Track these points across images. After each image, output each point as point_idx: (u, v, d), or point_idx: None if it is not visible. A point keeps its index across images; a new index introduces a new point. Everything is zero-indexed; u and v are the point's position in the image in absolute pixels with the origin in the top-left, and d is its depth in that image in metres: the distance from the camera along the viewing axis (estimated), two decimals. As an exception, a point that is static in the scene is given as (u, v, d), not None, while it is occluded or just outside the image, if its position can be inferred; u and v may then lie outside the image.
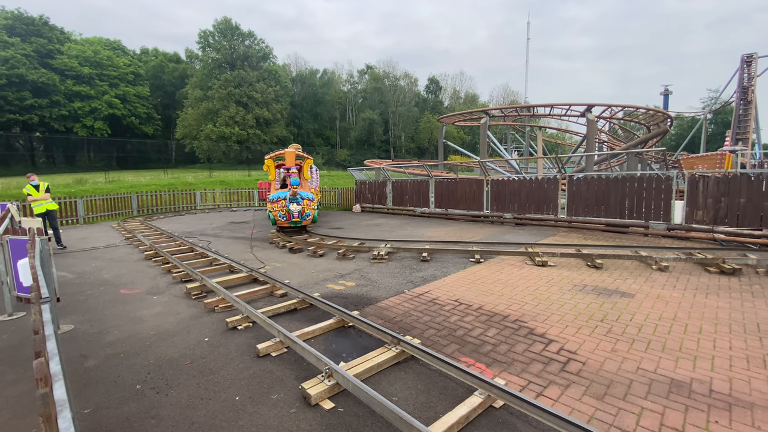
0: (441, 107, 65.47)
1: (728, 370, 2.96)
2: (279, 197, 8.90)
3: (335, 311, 4.02)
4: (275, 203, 8.96)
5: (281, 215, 8.89)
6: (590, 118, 18.17)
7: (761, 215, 7.32)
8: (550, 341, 3.49)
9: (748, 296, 4.60)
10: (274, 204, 8.92)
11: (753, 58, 24.41)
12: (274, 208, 8.91)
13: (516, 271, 5.90)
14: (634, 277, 5.46)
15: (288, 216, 8.85)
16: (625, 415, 2.44)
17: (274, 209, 8.91)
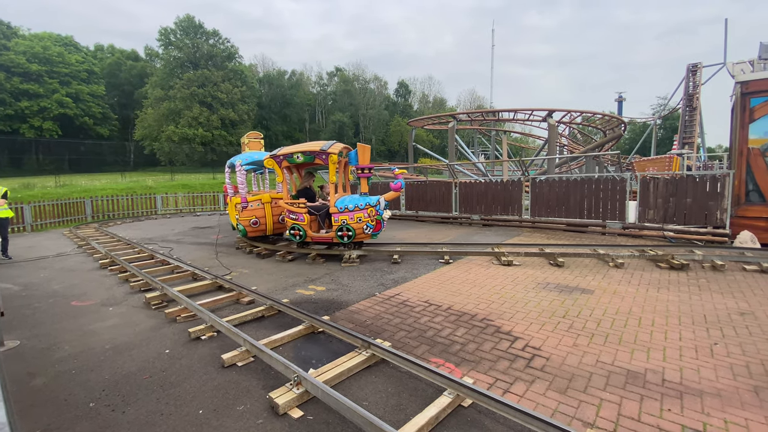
0: (410, 111, 66.26)
1: (679, 360, 3.16)
2: (368, 203, 6.79)
3: (305, 317, 3.95)
4: (359, 212, 6.77)
5: (368, 226, 6.80)
6: (551, 123, 18.98)
7: (706, 214, 7.91)
8: (515, 338, 3.60)
9: (695, 290, 4.94)
10: (357, 213, 6.79)
11: (698, 67, 26.40)
12: (360, 218, 6.77)
13: (483, 270, 6.04)
14: (593, 274, 5.74)
15: (377, 226, 6.94)
16: (585, 407, 2.55)
17: (360, 219, 6.77)
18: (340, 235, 6.88)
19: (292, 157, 7.13)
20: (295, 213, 7.12)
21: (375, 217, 6.86)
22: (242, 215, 7.88)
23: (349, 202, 6.90)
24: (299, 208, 7.09)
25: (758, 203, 7.25)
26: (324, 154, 6.87)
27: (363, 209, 6.80)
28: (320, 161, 7.13)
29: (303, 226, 7.05)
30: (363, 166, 7.03)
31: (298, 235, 7.12)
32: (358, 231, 6.84)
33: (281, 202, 7.47)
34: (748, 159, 7.31)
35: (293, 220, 7.13)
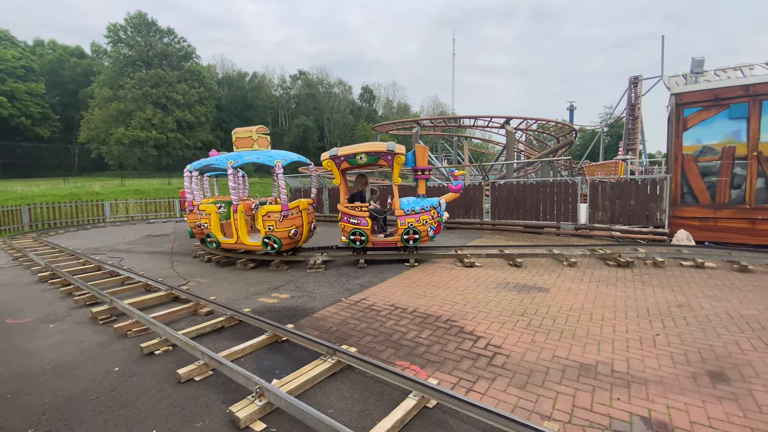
0: (375, 116, 66.67)
1: (626, 351, 3.39)
2: (432, 205, 6.76)
3: (267, 326, 3.84)
4: (424, 214, 6.68)
5: (432, 228, 6.80)
6: (509, 130, 19.82)
7: (647, 214, 8.58)
8: (478, 338, 3.70)
9: (639, 285, 5.33)
10: (422, 215, 6.69)
11: (639, 79, 28.64)
12: (426, 221, 6.69)
13: (447, 272, 6.17)
14: (548, 273, 6.03)
15: (438, 228, 6.94)
16: (543, 401, 2.67)
17: (425, 222, 6.69)
18: (407, 238, 6.76)
19: (355, 158, 6.73)
20: (356, 217, 6.77)
21: (437, 218, 6.86)
22: (281, 225, 6.67)
23: (414, 204, 6.77)
24: (361, 212, 6.77)
25: (692, 204, 7.96)
26: (391, 154, 6.61)
27: (428, 211, 6.76)
28: (384, 162, 6.79)
29: (365, 230, 6.76)
30: (421, 167, 6.91)
31: (359, 240, 6.80)
32: (423, 234, 6.77)
33: (340, 206, 6.96)
34: (683, 164, 8.02)
35: (354, 225, 6.78)
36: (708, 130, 7.74)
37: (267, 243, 6.76)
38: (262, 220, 6.70)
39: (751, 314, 4.17)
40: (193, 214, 7.90)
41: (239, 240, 7.10)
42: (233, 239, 7.18)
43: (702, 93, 7.79)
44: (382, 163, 6.84)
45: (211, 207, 7.36)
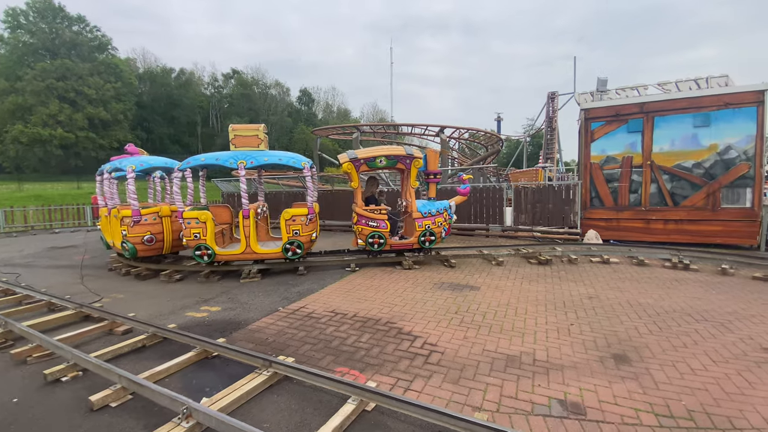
0: (315, 119, 65.81)
1: (546, 341, 3.73)
2: (445, 208, 7.04)
3: (196, 342, 3.59)
4: (438, 216, 6.91)
5: (445, 229, 7.08)
6: (443, 138, 20.79)
7: (563, 216, 9.53)
8: (415, 337, 3.82)
9: (557, 280, 5.90)
10: (437, 218, 6.90)
11: (555, 95, 31.81)
12: (440, 223, 6.93)
13: (387, 276, 6.28)
14: (479, 272, 6.43)
15: (448, 230, 7.18)
16: (474, 393, 2.84)
17: (440, 224, 6.92)
18: (423, 240, 6.86)
19: (374, 161, 6.79)
20: (375, 220, 6.74)
21: (448, 220, 7.13)
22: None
23: (430, 207, 6.93)
24: (380, 214, 6.78)
25: (599, 207, 9.03)
26: (410, 158, 6.80)
27: (441, 214, 6.99)
28: (402, 165, 6.95)
29: (384, 233, 6.77)
30: (432, 171, 7.18)
31: (378, 243, 6.77)
32: (438, 235, 6.96)
33: (358, 209, 6.77)
34: (591, 172, 9.07)
35: (373, 228, 6.75)
36: (611, 141, 8.86)
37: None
38: (286, 225, 6.40)
39: (647, 302, 4.83)
40: (141, 225, 6.69)
41: (249, 248, 6.41)
42: (241, 248, 6.43)
43: (606, 109, 8.90)
44: (400, 166, 7.01)
45: (205, 214, 6.33)
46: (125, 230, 6.57)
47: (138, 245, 6.63)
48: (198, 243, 6.25)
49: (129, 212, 6.55)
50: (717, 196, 7.80)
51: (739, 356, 3.36)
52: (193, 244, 6.29)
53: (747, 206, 7.60)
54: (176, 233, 6.96)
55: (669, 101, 8.24)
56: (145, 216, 6.69)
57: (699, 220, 7.97)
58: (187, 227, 6.24)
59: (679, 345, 3.59)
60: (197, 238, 6.24)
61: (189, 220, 6.23)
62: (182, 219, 6.25)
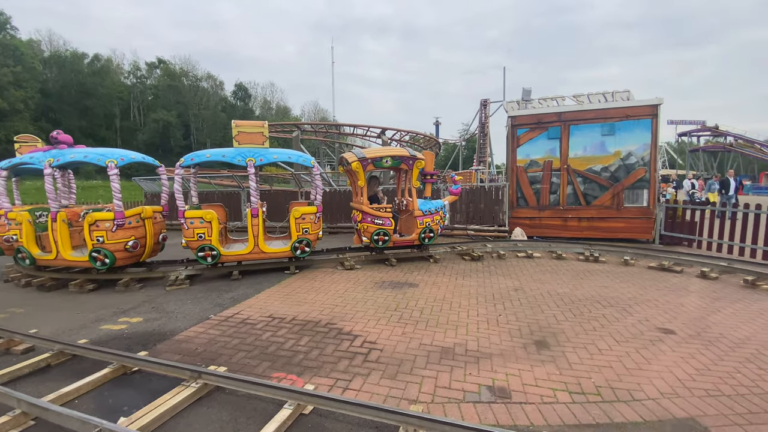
0: (252, 116, 62.91)
1: (477, 332, 3.97)
2: (441, 207, 7.51)
3: (112, 357, 3.25)
4: (437, 214, 7.35)
5: (441, 227, 7.58)
6: (384, 139, 21.12)
7: (493, 215, 10.19)
8: (355, 337, 3.84)
9: (487, 275, 6.31)
10: (435, 216, 7.32)
11: (487, 102, 33.89)
12: (438, 221, 7.38)
13: (328, 277, 6.23)
14: (418, 269, 6.65)
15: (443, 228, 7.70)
16: (411, 387, 2.93)
17: (438, 222, 7.37)
18: (423, 237, 7.23)
19: (381, 161, 7.07)
20: (381, 218, 7.00)
21: (444, 219, 7.63)
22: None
23: (430, 206, 7.33)
24: (385, 212, 7.03)
25: (524, 207, 9.81)
26: (412, 159, 7.10)
27: (438, 212, 7.42)
28: (405, 166, 7.22)
29: (389, 230, 7.02)
30: (429, 172, 7.62)
31: (383, 240, 7.03)
32: (436, 233, 7.39)
33: (365, 207, 6.96)
34: (517, 174, 9.81)
35: (379, 226, 6.98)
36: (534, 147, 9.66)
37: (298, 247, 6.42)
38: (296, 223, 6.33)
39: (564, 292, 5.36)
40: (124, 229, 5.81)
41: (257, 247, 6.20)
42: (248, 248, 6.19)
43: (529, 117, 9.69)
44: (403, 167, 7.31)
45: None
46: (102, 236, 5.59)
47: (119, 253, 5.71)
48: (202, 244, 5.95)
49: (108, 215, 5.59)
50: (621, 196, 8.90)
51: (637, 336, 3.86)
52: (196, 245, 5.95)
53: (644, 205, 8.77)
54: (156, 236, 6.33)
55: (581, 112, 9.21)
56: (129, 218, 5.79)
57: (607, 218, 9.02)
58: (189, 227, 5.88)
59: (590, 329, 4.04)
60: (201, 238, 5.92)
61: (192, 219, 5.89)
62: (184, 219, 5.87)
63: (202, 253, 5.99)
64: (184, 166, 6.08)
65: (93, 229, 5.54)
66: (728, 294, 5.21)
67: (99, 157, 5.71)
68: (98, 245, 5.56)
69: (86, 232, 5.54)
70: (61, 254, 5.79)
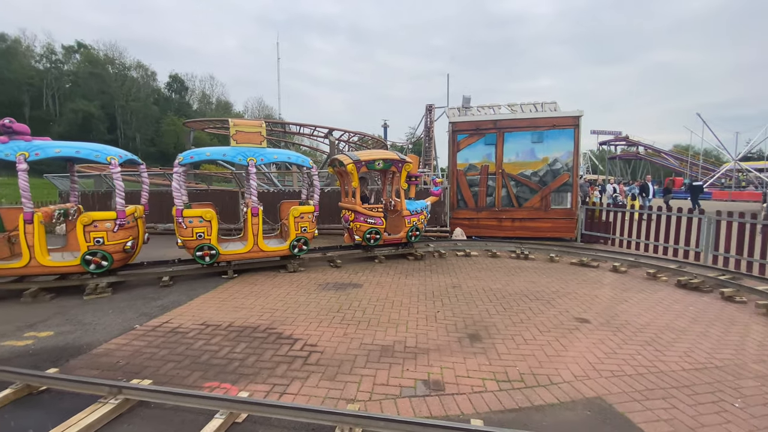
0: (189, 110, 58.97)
1: (416, 329, 4.11)
2: (424, 207, 8.00)
3: (14, 376, 2.88)
4: (421, 214, 7.84)
5: (425, 225, 8.18)
6: (331, 140, 20.95)
7: (436, 217, 10.56)
8: (296, 341, 3.79)
9: (429, 273, 6.54)
10: (420, 215, 7.80)
11: (432, 108, 34.98)
12: (423, 220, 7.90)
13: (270, 280, 6.05)
14: (363, 270, 6.70)
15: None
16: (350, 386, 2.96)
17: (423, 221, 7.89)
18: (411, 235, 7.69)
19: (373, 163, 7.39)
20: (373, 218, 7.37)
21: (427, 217, 8.14)
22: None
23: (416, 206, 7.81)
24: (377, 212, 7.41)
25: (464, 208, 10.30)
26: (402, 162, 7.53)
27: (422, 212, 7.89)
28: (395, 168, 7.59)
29: (381, 229, 7.40)
30: (413, 174, 8.15)
31: (374, 239, 7.38)
32: (422, 231, 7.94)
33: (358, 207, 7.28)
34: (457, 178, 10.29)
35: (371, 225, 7.34)
36: (472, 152, 10.19)
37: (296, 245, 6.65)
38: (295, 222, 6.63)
39: (497, 287, 5.72)
40: (125, 229, 5.55)
41: (257, 246, 6.30)
42: (247, 247, 6.27)
43: (468, 123, 10.20)
44: (393, 169, 7.65)
45: (210, 212, 5.97)
46: (101, 237, 5.31)
47: (117, 254, 5.47)
48: (201, 243, 5.92)
49: (109, 215, 5.34)
50: (548, 199, 9.70)
51: (557, 326, 4.25)
52: (195, 244, 5.90)
53: (568, 207, 9.65)
54: (143, 237, 6.22)
55: (515, 120, 9.91)
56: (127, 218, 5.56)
57: (536, 218, 9.78)
58: (188, 226, 5.83)
59: (517, 321, 4.37)
60: (201, 237, 5.89)
61: (191, 218, 5.85)
62: (182, 218, 5.80)
63: (200, 253, 5.93)
64: (183, 163, 5.96)
65: (90, 230, 5.25)
66: (634, 285, 5.92)
67: (97, 153, 5.30)
68: (96, 247, 5.28)
69: (80, 234, 5.22)
70: (38, 260, 5.11)
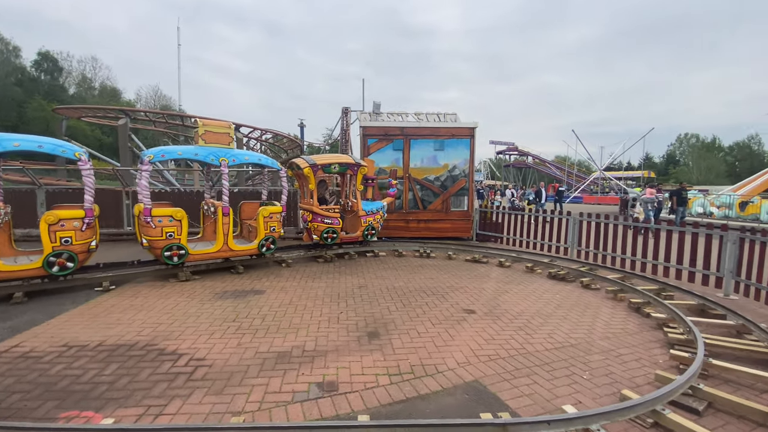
0: (64, 95, 50.10)
1: (317, 332, 4.09)
2: (381, 207, 8.66)
3: None
4: (377, 214, 8.44)
5: (381, 225, 8.68)
6: (238, 136, 19.74)
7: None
8: (180, 356, 3.48)
9: (338, 275, 6.57)
10: (376, 215, 8.39)
11: (348, 110, 35.19)
12: (379, 220, 8.47)
13: (156, 291, 5.45)
14: (267, 275, 6.45)
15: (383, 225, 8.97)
16: (238, 398, 2.82)
17: (378, 220, 8.48)
18: (366, 234, 8.16)
19: (330, 167, 7.80)
20: (330, 218, 7.69)
21: (383, 217, 8.63)
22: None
23: (372, 206, 8.30)
24: (334, 213, 7.73)
25: (375, 210, 10.57)
26: (357, 166, 8.04)
27: (378, 212, 8.40)
28: (351, 172, 8.09)
29: (337, 228, 7.75)
30: (370, 177, 8.72)
31: (332, 237, 7.71)
32: (377, 230, 8.44)
33: (315, 208, 7.60)
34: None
35: (328, 224, 7.67)
36: (382, 156, 10.52)
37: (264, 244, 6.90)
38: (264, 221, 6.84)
39: (399, 285, 6.00)
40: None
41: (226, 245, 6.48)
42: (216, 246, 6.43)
43: (378, 128, 10.51)
44: (349, 172, 8.12)
45: (180, 212, 5.97)
46: (70, 237, 5.19)
47: (83, 255, 5.39)
48: (170, 243, 5.84)
49: (77, 213, 5.25)
50: (448, 202, 10.49)
51: (448, 318, 4.62)
52: (163, 244, 5.79)
53: (465, 209, 10.55)
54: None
55: (420, 128, 10.51)
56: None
57: (438, 220, 10.50)
58: (157, 226, 5.74)
59: (414, 316, 4.64)
60: (171, 237, 5.84)
61: (160, 218, 5.78)
62: (150, 217, 5.66)
63: (169, 253, 5.83)
64: (153, 161, 5.78)
65: (56, 229, 5.03)
66: (515, 278, 6.73)
67: (63, 149, 5.13)
68: (62, 247, 5.07)
69: (45, 234, 4.97)
70: None
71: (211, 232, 6.91)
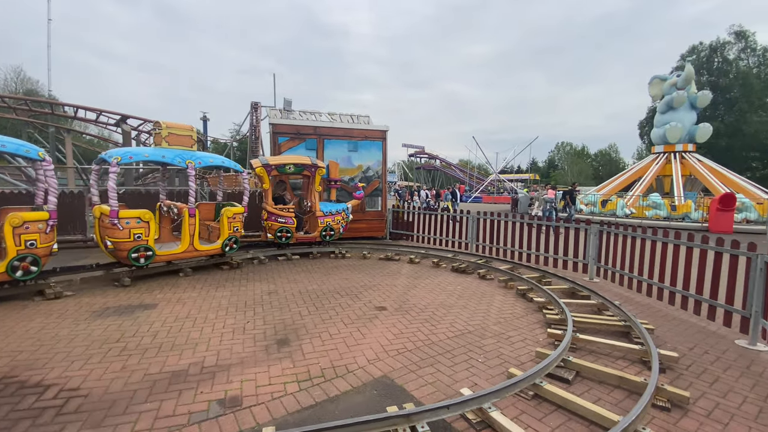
0: None
1: (219, 345, 3.81)
2: (343, 209, 8.88)
3: None
4: (338, 215, 8.66)
5: (342, 226, 8.83)
6: (126, 129, 17.43)
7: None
8: (47, 387, 2.94)
9: (245, 282, 6.20)
10: (336, 216, 8.63)
11: (258, 105, 33.36)
12: (339, 221, 8.68)
13: (15, 313, 4.51)
14: (161, 286, 5.80)
15: (346, 227, 9.07)
16: (121, 429, 2.49)
17: (339, 222, 8.69)
18: (324, 234, 8.47)
19: (284, 167, 8.15)
20: (283, 217, 8.01)
21: (346, 219, 8.87)
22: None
23: (330, 208, 8.59)
24: (288, 212, 8.08)
25: (287, 211, 10.23)
26: (314, 167, 8.39)
27: (340, 213, 8.67)
28: (308, 173, 8.41)
29: (291, 228, 8.09)
30: (333, 178, 9.20)
31: (286, 237, 8.05)
32: (337, 231, 8.66)
33: (268, 207, 7.91)
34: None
35: (281, 224, 8.00)
36: (294, 155, 10.23)
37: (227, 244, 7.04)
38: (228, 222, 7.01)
39: (313, 288, 5.90)
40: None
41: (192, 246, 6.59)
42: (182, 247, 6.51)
43: (289, 127, 10.18)
44: (306, 173, 8.34)
45: (148, 213, 5.97)
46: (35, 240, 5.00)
47: (45, 258, 5.23)
48: (138, 244, 5.82)
49: (42, 215, 5.07)
50: (364, 202, 10.66)
51: (360, 317, 4.70)
52: (130, 246, 5.76)
53: (379, 210, 10.84)
54: None
55: (333, 129, 10.47)
56: None
57: (355, 220, 10.58)
58: (124, 228, 5.71)
59: (327, 318, 4.62)
60: (139, 239, 5.83)
61: (128, 219, 5.77)
62: (117, 219, 5.61)
63: (136, 254, 5.83)
64: (121, 164, 5.71)
65: (21, 232, 4.86)
66: (423, 273, 7.14)
67: (27, 149, 5.01)
68: (27, 251, 4.91)
69: (9, 237, 4.76)
70: None
71: (168, 233, 7.16)
